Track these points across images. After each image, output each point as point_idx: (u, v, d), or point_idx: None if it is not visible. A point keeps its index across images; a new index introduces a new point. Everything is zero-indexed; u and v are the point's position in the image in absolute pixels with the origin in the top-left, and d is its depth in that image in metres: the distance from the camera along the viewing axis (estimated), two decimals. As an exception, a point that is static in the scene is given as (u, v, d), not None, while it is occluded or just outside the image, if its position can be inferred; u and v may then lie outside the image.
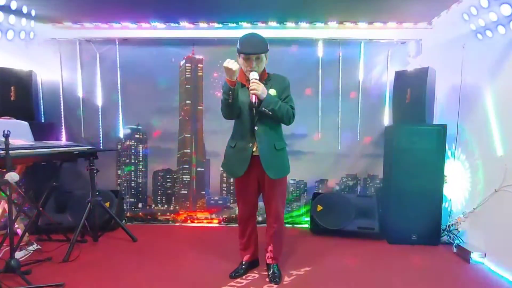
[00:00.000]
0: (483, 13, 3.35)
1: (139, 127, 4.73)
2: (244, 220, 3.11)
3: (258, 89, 2.67)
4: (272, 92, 2.80)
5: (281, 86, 2.87)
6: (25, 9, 3.94)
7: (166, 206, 4.80)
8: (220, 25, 4.49)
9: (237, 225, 3.20)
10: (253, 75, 2.70)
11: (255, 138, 2.81)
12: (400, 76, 4.14)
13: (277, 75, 2.94)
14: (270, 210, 2.99)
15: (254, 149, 2.83)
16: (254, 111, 2.78)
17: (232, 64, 2.58)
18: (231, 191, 4.72)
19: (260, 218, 4.38)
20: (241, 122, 2.88)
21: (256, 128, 2.80)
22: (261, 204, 3.08)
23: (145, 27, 4.53)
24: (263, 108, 2.71)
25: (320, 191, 4.61)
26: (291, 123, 2.87)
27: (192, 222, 4.76)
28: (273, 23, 4.43)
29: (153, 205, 4.80)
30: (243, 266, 3.16)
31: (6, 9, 3.78)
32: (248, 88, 2.74)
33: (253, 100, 2.70)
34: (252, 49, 2.74)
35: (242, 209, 3.09)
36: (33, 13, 4.04)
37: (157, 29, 4.53)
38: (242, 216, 3.12)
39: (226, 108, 2.78)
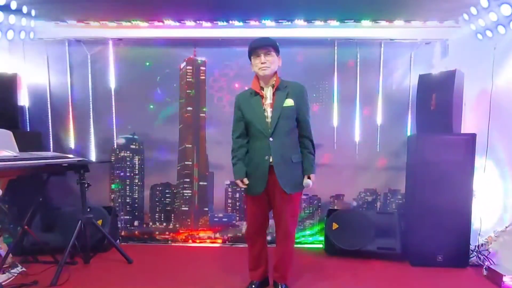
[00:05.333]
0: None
1: (135, 137, 4.80)
2: (252, 235, 3.21)
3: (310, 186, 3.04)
4: (290, 102, 2.96)
5: (299, 96, 3.03)
6: (25, 9, 4.06)
7: (164, 224, 4.87)
8: (225, 24, 4.54)
9: (244, 245, 3.35)
10: (307, 185, 3.08)
11: (271, 151, 2.94)
12: (424, 80, 4.18)
13: (293, 82, 3.09)
14: (279, 227, 3.11)
15: (271, 161, 2.95)
16: (269, 124, 2.96)
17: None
18: (237, 207, 4.80)
19: (269, 238, 4.44)
20: (254, 136, 3.03)
21: (271, 139, 2.93)
22: (271, 221, 3.16)
23: (141, 26, 4.58)
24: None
25: (335, 208, 4.67)
26: None
27: (193, 242, 4.84)
28: (283, 21, 4.49)
29: (151, 223, 4.88)
30: (253, 286, 3.26)
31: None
32: (261, 96, 2.97)
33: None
34: (259, 42, 2.95)
35: (250, 223, 3.21)
36: (33, 13, 4.15)
37: (155, 28, 4.59)
38: (249, 231, 3.23)
39: None
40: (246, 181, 3.03)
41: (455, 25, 4.39)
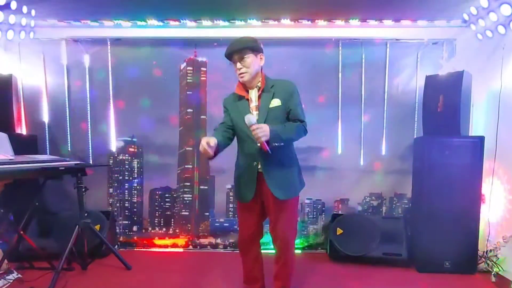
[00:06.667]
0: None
1: (134, 139, 4.81)
2: (243, 244, 3.15)
3: (262, 134, 2.59)
4: (276, 102, 2.84)
5: (286, 93, 2.87)
6: (25, 9, 4.09)
7: (164, 229, 4.88)
8: (226, 23, 4.55)
9: None
10: (248, 120, 2.61)
11: (259, 156, 2.84)
12: (431, 81, 4.20)
13: (280, 80, 2.96)
14: (276, 236, 3.02)
15: (259, 167, 2.88)
16: None
17: (206, 149, 2.59)
18: (239, 212, 4.76)
19: (271, 243, 4.44)
20: (242, 140, 2.96)
21: (259, 144, 2.78)
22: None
23: (140, 26, 4.58)
24: (274, 144, 2.67)
25: (340, 212, 4.68)
26: (303, 136, 2.89)
27: (194, 247, 4.84)
28: (286, 21, 4.46)
29: (150, 228, 4.88)
30: None
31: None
32: (247, 99, 2.89)
33: (267, 148, 2.63)
34: (229, 47, 2.83)
35: (241, 231, 3.16)
36: (33, 13, 4.17)
37: (154, 28, 4.59)
38: (240, 239, 3.17)
39: None
40: (211, 141, 2.60)
41: (463, 25, 4.38)
